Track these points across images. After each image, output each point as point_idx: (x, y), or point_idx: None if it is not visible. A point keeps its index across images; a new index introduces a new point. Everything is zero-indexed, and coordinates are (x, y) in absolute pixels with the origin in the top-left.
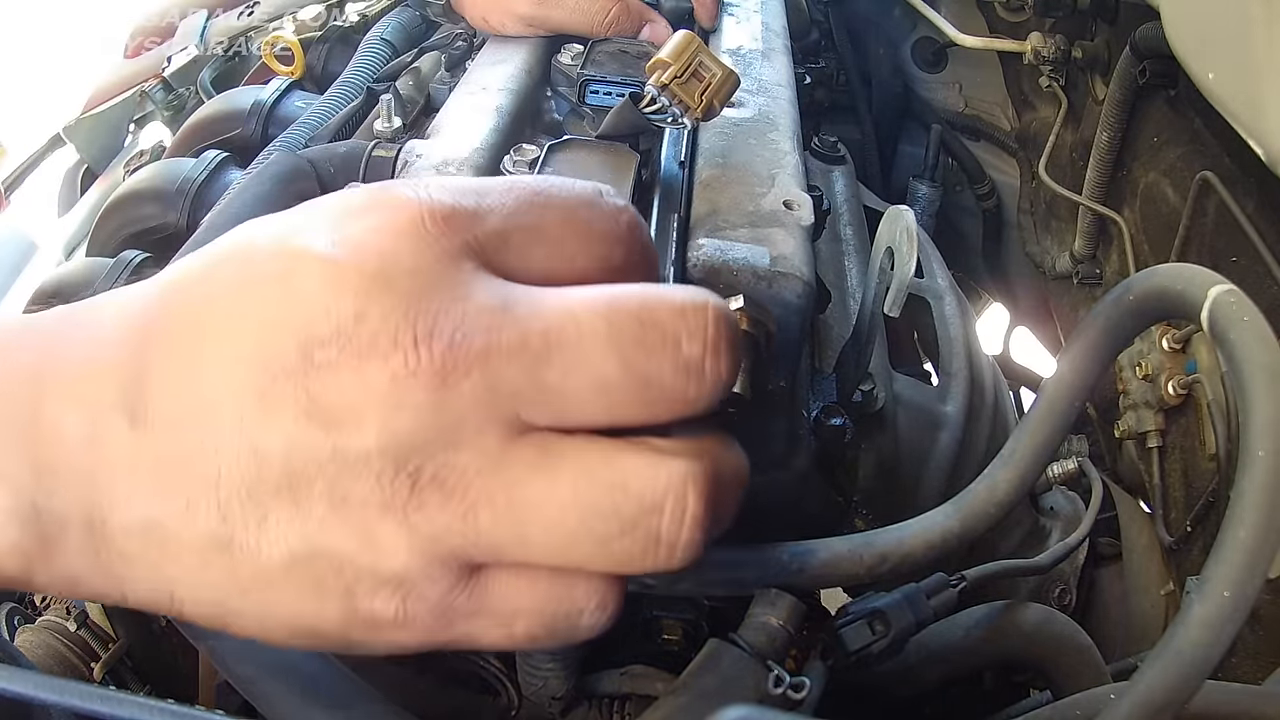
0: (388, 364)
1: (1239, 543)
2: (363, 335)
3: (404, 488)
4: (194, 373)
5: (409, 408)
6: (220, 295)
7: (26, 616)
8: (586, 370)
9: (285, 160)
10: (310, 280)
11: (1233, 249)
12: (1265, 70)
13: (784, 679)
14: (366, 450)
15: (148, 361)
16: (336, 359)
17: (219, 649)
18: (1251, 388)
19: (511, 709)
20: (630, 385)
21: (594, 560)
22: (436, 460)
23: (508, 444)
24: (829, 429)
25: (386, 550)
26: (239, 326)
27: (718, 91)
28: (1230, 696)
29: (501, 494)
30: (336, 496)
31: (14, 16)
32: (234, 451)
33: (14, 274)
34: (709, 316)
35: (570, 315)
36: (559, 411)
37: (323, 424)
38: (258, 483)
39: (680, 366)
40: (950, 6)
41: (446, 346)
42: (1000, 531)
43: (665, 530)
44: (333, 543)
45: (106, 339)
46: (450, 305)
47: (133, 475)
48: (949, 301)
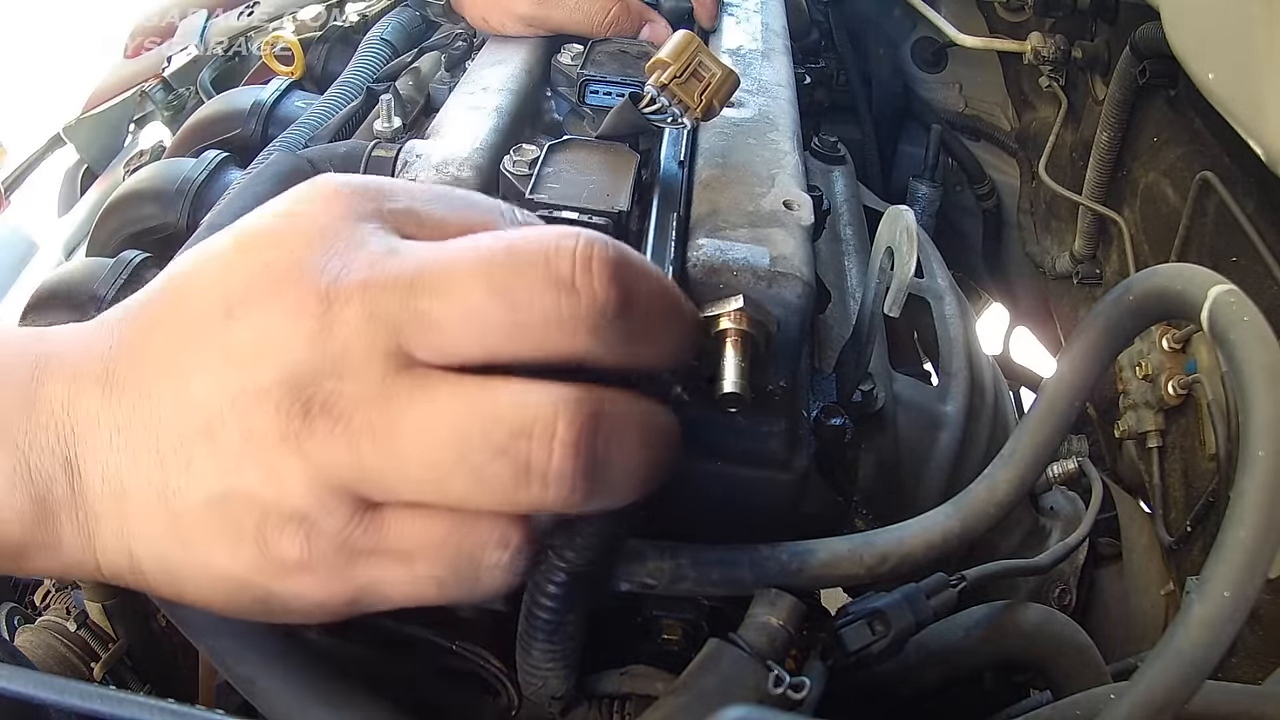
0: (284, 301)
1: (1239, 543)
2: (268, 279)
3: (298, 416)
4: (148, 340)
5: (301, 337)
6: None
7: (26, 616)
8: (457, 297)
9: (285, 160)
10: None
11: (1233, 249)
12: (1265, 70)
13: (784, 679)
14: (267, 383)
15: (125, 338)
16: (248, 303)
17: (219, 649)
18: (1251, 388)
19: (511, 709)
20: (499, 307)
21: (471, 493)
22: (325, 388)
23: (390, 376)
24: (829, 429)
25: (286, 483)
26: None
27: (717, 91)
28: (1230, 696)
29: (382, 423)
30: (244, 431)
31: (14, 16)
32: (170, 401)
33: (14, 274)
34: (580, 238)
35: (446, 251)
36: (437, 343)
37: (234, 363)
38: (186, 428)
39: (549, 282)
40: (950, 6)
41: (332, 280)
42: (1000, 531)
43: (535, 455)
44: (241, 478)
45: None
46: (344, 250)
47: (98, 432)
48: (949, 301)
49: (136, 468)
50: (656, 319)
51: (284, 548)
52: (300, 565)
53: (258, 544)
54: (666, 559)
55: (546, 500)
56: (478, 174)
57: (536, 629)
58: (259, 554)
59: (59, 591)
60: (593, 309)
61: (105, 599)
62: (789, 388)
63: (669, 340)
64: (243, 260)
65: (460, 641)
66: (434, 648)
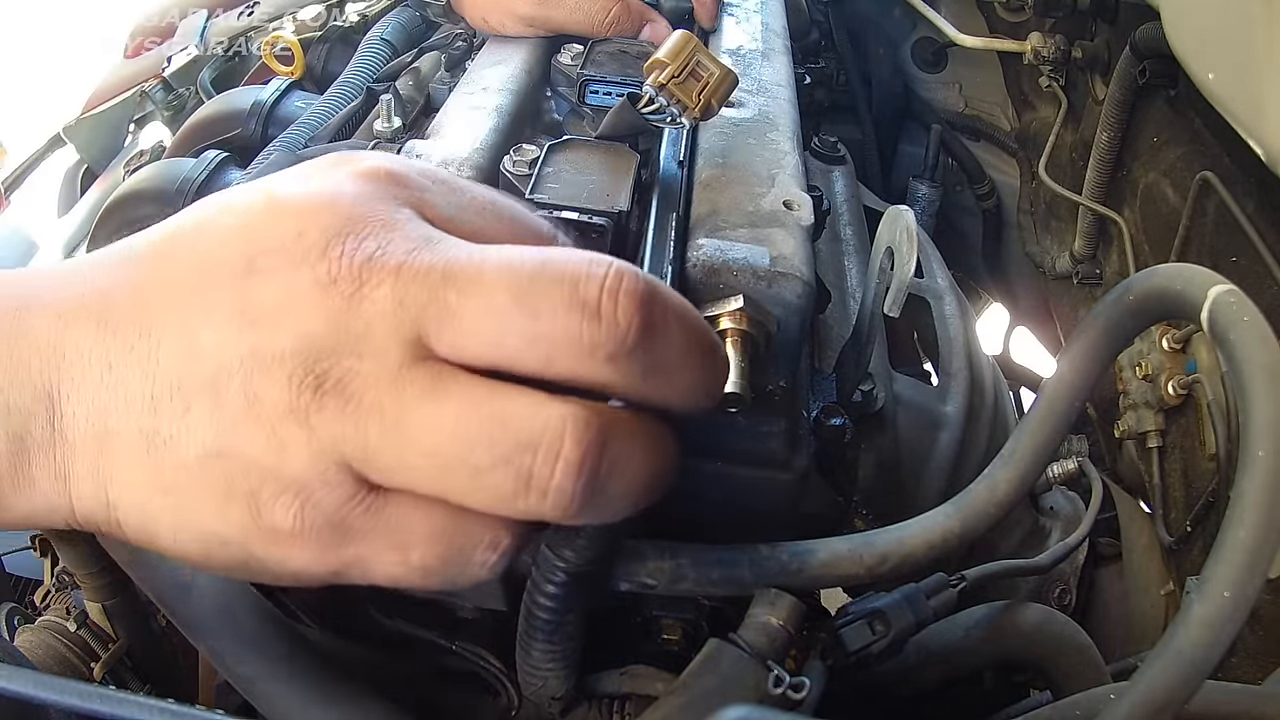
0: (314, 271)
1: (1239, 543)
2: (300, 247)
3: (309, 389)
4: (155, 278)
5: (325, 310)
6: (194, 223)
7: (26, 616)
8: (482, 297)
9: (285, 160)
10: (269, 207)
11: (1233, 249)
12: (1265, 70)
13: (784, 679)
14: (282, 350)
15: (127, 277)
16: (274, 266)
17: (219, 649)
18: (1251, 388)
19: (511, 709)
20: (521, 316)
21: (469, 492)
22: (341, 365)
23: (407, 364)
24: (829, 429)
25: (288, 451)
26: (202, 243)
27: (715, 91)
28: (1230, 696)
29: (392, 409)
30: (250, 394)
31: (14, 16)
32: (172, 345)
33: None
34: (611, 267)
35: (480, 252)
36: (456, 340)
37: (250, 322)
38: (187, 376)
39: (574, 303)
40: (950, 6)
41: (366, 259)
42: (1000, 531)
43: (537, 470)
44: (242, 441)
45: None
46: (379, 230)
47: (88, 368)
48: (949, 301)
49: (126, 409)
50: (679, 357)
51: (277, 516)
52: (291, 535)
53: (249, 508)
54: (666, 559)
55: (542, 512)
56: (478, 174)
57: (536, 629)
58: (249, 518)
59: (59, 591)
60: (612, 337)
61: (105, 599)
62: (789, 388)
63: (690, 380)
64: (274, 222)
65: (460, 641)
66: (434, 648)
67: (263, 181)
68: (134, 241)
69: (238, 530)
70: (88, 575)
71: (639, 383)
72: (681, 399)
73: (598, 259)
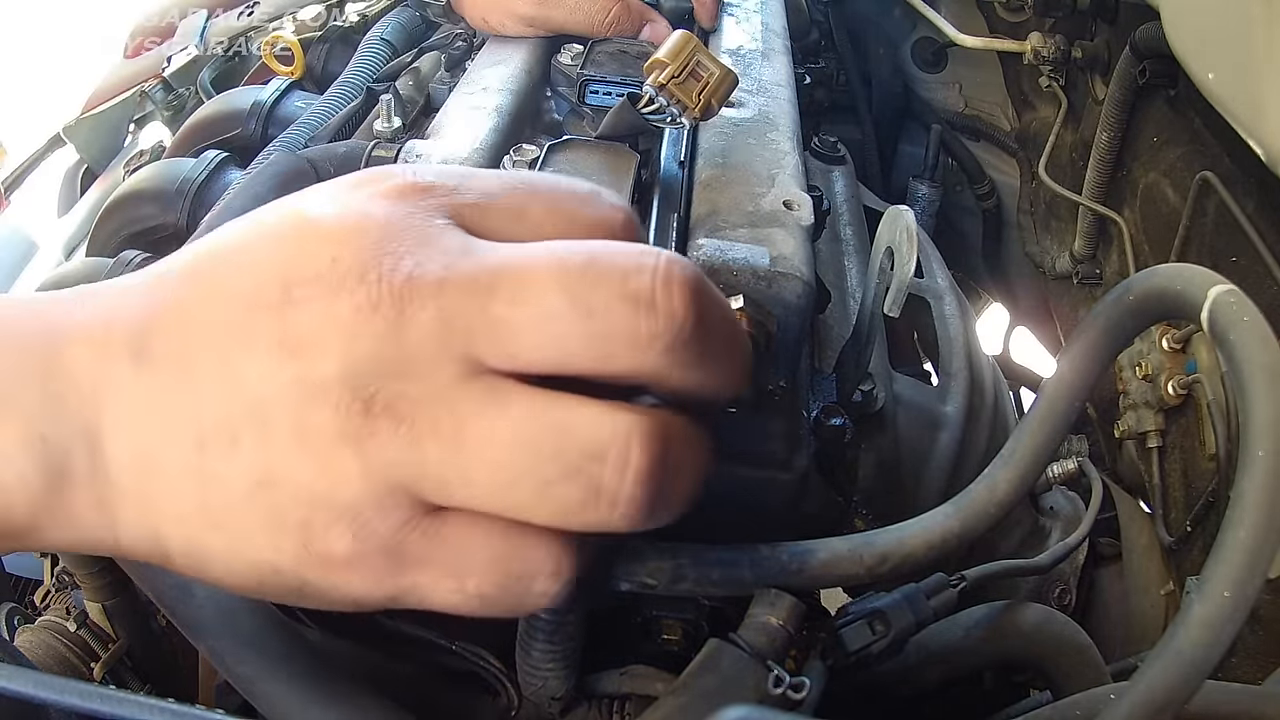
0: (353, 298)
1: (1239, 543)
2: (336, 274)
3: (359, 415)
4: (194, 314)
5: (368, 336)
6: (226, 250)
7: (26, 616)
8: (533, 303)
9: (285, 160)
10: (302, 235)
11: (1233, 249)
12: (1265, 70)
13: (784, 679)
14: (327, 377)
15: (159, 309)
16: (312, 295)
17: (219, 649)
18: (1251, 388)
19: (511, 709)
20: (575, 316)
21: (535, 505)
22: (391, 389)
23: (460, 380)
24: (829, 429)
25: (341, 478)
26: (236, 273)
27: (715, 91)
28: (1230, 696)
29: (449, 426)
30: (298, 423)
31: (14, 16)
32: (215, 382)
33: (14, 274)
34: (661, 257)
35: (524, 255)
36: (510, 350)
37: (292, 352)
38: (232, 410)
39: (628, 296)
40: (950, 6)
41: (405, 279)
42: (1000, 531)
43: (607, 480)
44: (292, 470)
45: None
46: (415, 247)
47: (129, 405)
48: (949, 301)
49: (170, 446)
50: (724, 346)
51: (331, 543)
52: (345, 562)
53: (301, 536)
54: (666, 559)
55: (610, 523)
56: None
57: (536, 629)
58: (302, 546)
59: (59, 591)
60: (670, 327)
61: (105, 599)
62: (789, 388)
63: (731, 369)
64: (307, 249)
65: (460, 641)
66: (434, 648)
67: (290, 203)
68: (163, 268)
69: (290, 559)
70: (88, 575)
71: (687, 373)
72: (723, 389)
73: (646, 249)
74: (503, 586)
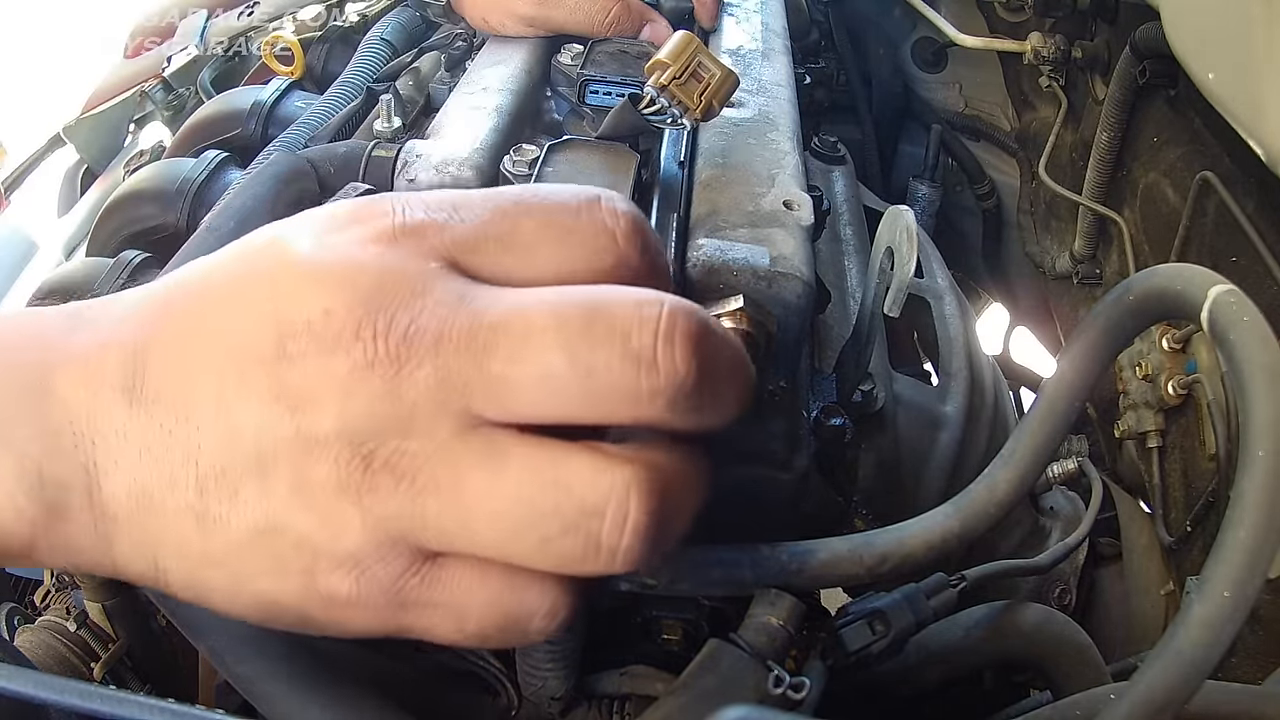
0: (349, 355)
1: (1239, 543)
2: (329, 329)
3: (358, 471)
4: (187, 357)
5: (365, 395)
6: (216, 290)
7: (26, 616)
8: (531, 360)
9: (285, 160)
10: (292, 281)
11: (1233, 249)
12: (1265, 70)
13: (784, 679)
14: (326, 433)
15: (150, 346)
16: (305, 349)
17: (219, 649)
18: (1251, 388)
19: (511, 709)
20: (575, 376)
21: (535, 557)
22: (389, 446)
23: (458, 435)
24: (829, 429)
25: (341, 530)
26: (228, 318)
27: (716, 92)
28: (1230, 696)
29: (448, 482)
30: (298, 476)
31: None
32: (212, 430)
33: (14, 274)
34: (664, 309)
35: (520, 308)
36: (508, 405)
37: (289, 407)
38: (231, 460)
39: (629, 356)
40: (950, 6)
41: (401, 338)
42: (1000, 531)
43: (605, 535)
44: (293, 520)
45: (117, 327)
46: (409, 301)
47: (125, 446)
48: (949, 301)
49: (169, 489)
50: (726, 388)
51: (334, 586)
52: (349, 603)
53: (305, 580)
54: (667, 559)
55: (610, 570)
56: (478, 174)
57: None
58: (305, 588)
59: (59, 591)
60: (671, 384)
61: (105, 599)
62: (789, 388)
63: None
64: (298, 299)
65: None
66: (434, 648)
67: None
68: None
69: (294, 598)
70: (87, 575)
71: (692, 417)
72: (723, 422)
73: (648, 300)
74: (501, 626)
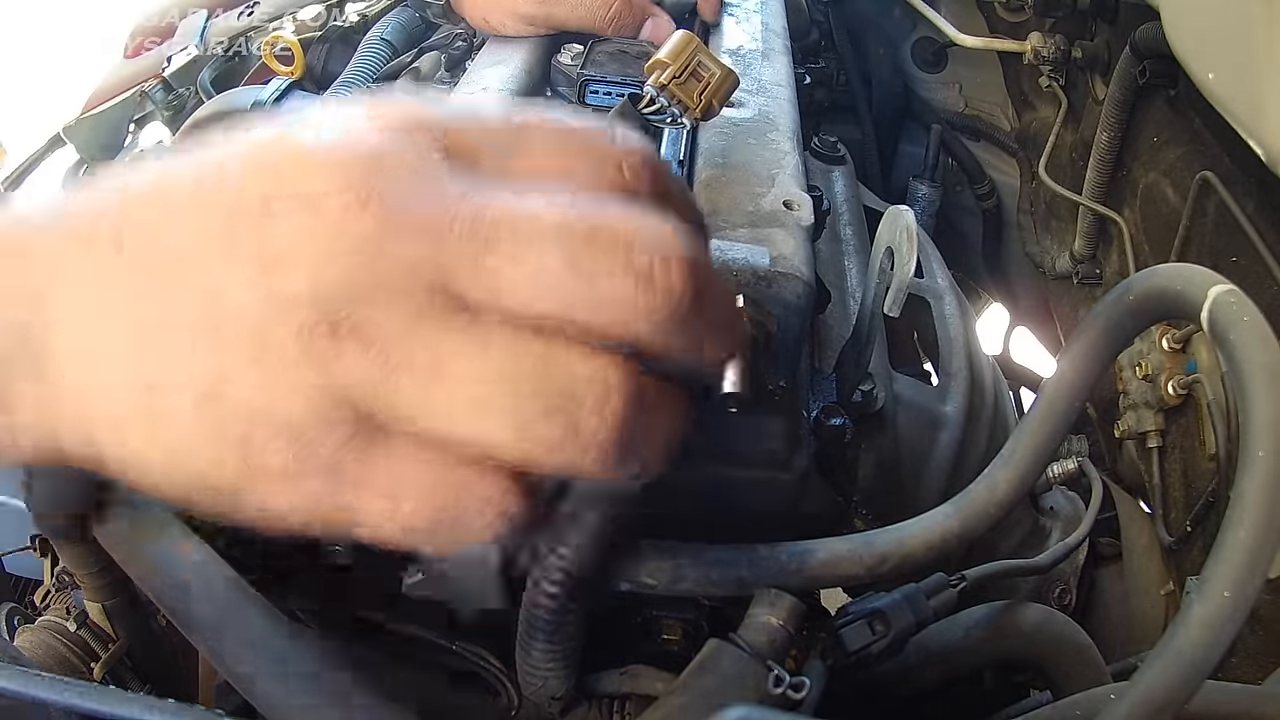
0: (333, 218)
1: (1239, 543)
2: (318, 192)
3: (323, 336)
4: (170, 214)
5: (344, 262)
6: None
7: (26, 616)
8: (533, 261)
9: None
10: (288, 150)
11: (1233, 249)
12: (1265, 70)
13: (784, 679)
14: (295, 293)
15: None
16: (290, 210)
17: (219, 649)
18: (1251, 388)
19: (511, 709)
20: (574, 279)
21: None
22: (360, 314)
23: (440, 315)
24: (829, 429)
25: (286, 394)
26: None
27: (716, 91)
28: (1230, 696)
29: (425, 359)
30: (258, 335)
31: (14, 16)
32: (177, 286)
33: None
34: (666, 232)
35: (526, 205)
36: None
37: (263, 266)
38: (189, 317)
39: (630, 269)
40: (950, 6)
41: (390, 210)
42: (1000, 531)
43: (584, 420)
44: (240, 382)
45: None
46: (406, 177)
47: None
48: (949, 301)
49: (118, 349)
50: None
51: (268, 456)
52: (280, 476)
53: (240, 451)
54: (666, 559)
55: (579, 465)
56: None
57: (536, 629)
58: (240, 461)
59: (59, 591)
60: (666, 303)
61: (105, 599)
62: (789, 388)
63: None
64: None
65: (460, 641)
66: (434, 648)
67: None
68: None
69: (229, 475)
70: (88, 575)
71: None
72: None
73: (650, 222)
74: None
